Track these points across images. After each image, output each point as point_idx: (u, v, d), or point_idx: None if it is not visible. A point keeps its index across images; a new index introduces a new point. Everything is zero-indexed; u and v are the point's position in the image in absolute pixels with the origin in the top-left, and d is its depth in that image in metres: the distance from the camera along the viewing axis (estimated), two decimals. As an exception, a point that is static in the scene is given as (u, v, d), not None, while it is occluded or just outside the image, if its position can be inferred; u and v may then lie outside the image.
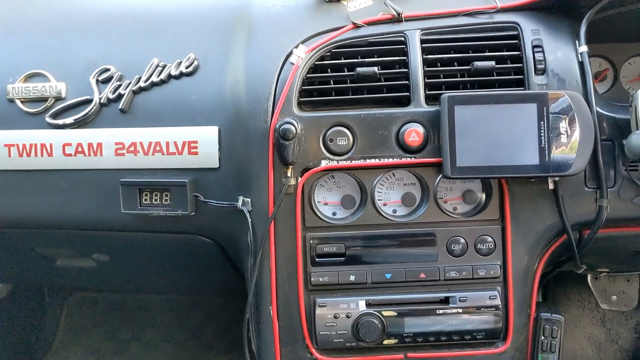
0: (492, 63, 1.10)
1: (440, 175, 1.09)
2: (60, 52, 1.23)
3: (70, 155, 1.18)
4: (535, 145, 1.04)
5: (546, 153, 1.03)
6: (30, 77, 1.21)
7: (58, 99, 1.19)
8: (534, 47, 1.11)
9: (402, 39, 1.12)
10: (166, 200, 1.15)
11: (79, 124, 1.18)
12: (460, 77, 1.11)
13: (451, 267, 1.11)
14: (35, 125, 1.19)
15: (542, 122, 1.04)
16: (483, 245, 1.11)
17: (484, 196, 1.13)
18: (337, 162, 1.09)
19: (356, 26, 1.12)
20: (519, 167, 1.04)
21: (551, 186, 1.08)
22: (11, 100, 1.20)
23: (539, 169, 1.04)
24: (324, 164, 1.09)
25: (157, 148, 1.15)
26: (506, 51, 1.12)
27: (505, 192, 1.10)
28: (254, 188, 1.11)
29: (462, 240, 1.11)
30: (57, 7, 1.37)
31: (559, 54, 1.10)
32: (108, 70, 1.18)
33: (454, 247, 1.11)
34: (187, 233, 1.21)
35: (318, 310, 1.09)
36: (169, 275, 1.54)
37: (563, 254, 1.19)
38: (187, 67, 1.17)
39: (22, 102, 1.20)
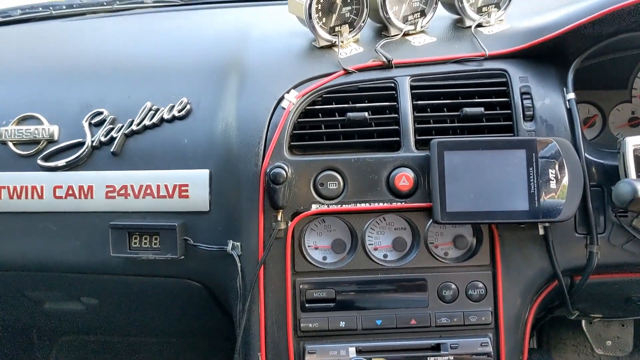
0: (481, 109, 1.11)
1: (431, 220, 1.09)
2: (54, 95, 1.24)
3: (60, 197, 1.18)
4: (525, 191, 1.04)
5: (536, 199, 1.04)
6: (23, 120, 1.22)
7: (50, 141, 1.19)
8: (522, 93, 1.12)
9: (393, 84, 1.13)
10: (156, 243, 1.14)
11: (70, 166, 1.18)
12: (450, 123, 1.12)
13: (442, 313, 1.09)
14: (27, 167, 1.19)
15: (531, 168, 1.04)
16: (474, 291, 1.10)
17: (474, 241, 1.13)
18: (328, 206, 1.09)
19: (347, 72, 1.14)
20: (509, 213, 1.04)
21: (541, 232, 1.08)
22: (3, 143, 1.20)
23: (528, 214, 1.04)
24: (314, 207, 1.09)
25: (148, 191, 1.15)
26: (495, 97, 1.13)
27: (495, 237, 1.10)
28: (244, 232, 1.10)
29: (453, 286, 1.10)
30: (53, 52, 1.40)
31: (547, 100, 1.12)
32: (101, 113, 1.19)
33: (445, 292, 1.10)
34: (176, 277, 1.21)
35: (307, 357, 1.07)
36: (159, 318, 1.52)
37: (555, 299, 1.19)
38: (179, 111, 1.18)
39: (14, 144, 1.20)
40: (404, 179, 1.08)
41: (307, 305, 1.09)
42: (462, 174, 1.05)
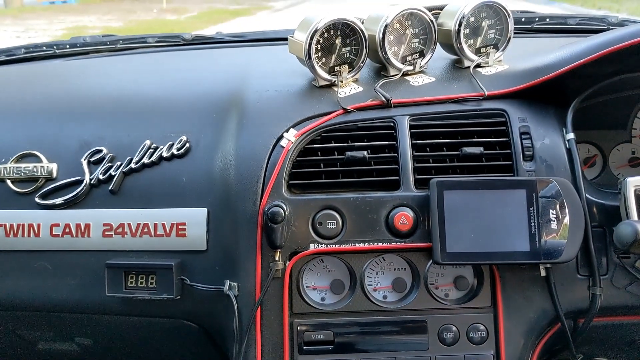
0: (481, 149, 1.11)
1: (431, 261, 1.07)
2: (53, 133, 1.24)
3: (57, 236, 1.17)
4: (526, 231, 1.03)
5: (537, 239, 1.03)
6: (22, 158, 1.21)
7: (49, 179, 1.19)
8: (521, 133, 1.12)
9: (392, 124, 1.14)
10: (152, 283, 1.12)
11: (68, 204, 1.17)
12: (450, 162, 1.12)
13: (443, 356, 1.07)
14: (25, 205, 1.19)
15: (531, 209, 1.03)
16: (475, 334, 1.08)
17: (475, 282, 1.11)
18: (327, 246, 1.07)
19: (346, 111, 1.14)
20: (510, 254, 1.03)
21: (543, 273, 1.07)
22: (2, 180, 1.20)
23: (529, 255, 1.02)
24: (312, 247, 1.07)
25: (145, 230, 1.14)
26: (494, 137, 1.13)
27: (496, 278, 1.08)
28: (241, 272, 1.09)
29: (454, 328, 1.08)
30: (54, 90, 1.41)
31: (547, 140, 1.12)
32: (100, 151, 1.19)
33: (445, 335, 1.08)
34: (172, 317, 1.18)
35: (305, 402, 1.05)
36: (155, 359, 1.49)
37: (558, 342, 1.16)
38: (178, 150, 1.18)
39: (12, 182, 1.20)
40: (404, 218, 1.07)
41: (304, 347, 1.07)
42: (462, 213, 1.04)
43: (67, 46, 1.68)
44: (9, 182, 1.20)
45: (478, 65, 1.25)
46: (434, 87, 1.20)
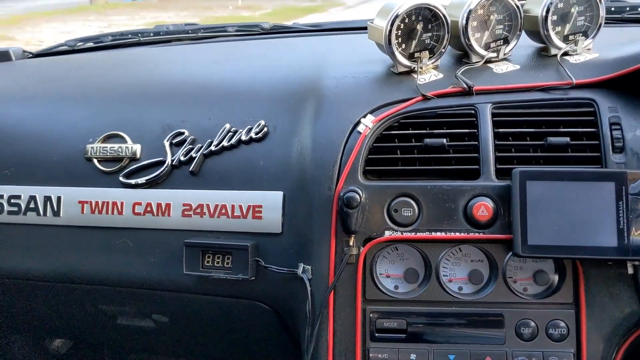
0: (567, 139, 1.07)
1: (510, 253, 1.04)
2: (138, 116, 1.29)
3: (139, 214, 1.21)
4: (614, 226, 0.98)
5: (625, 235, 0.97)
6: (108, 138, 1.26)
7: (133, 159, 1.23)
8: (611, 124, 1.07)
9: (473, 111, 1.11)
10: (228, 263, 1.14)
11: (150, 184, 1.21)
12: (533, 152, 1.08)
13: (520, 351, 1.03)
14: (109, 184, 1.24)
15: (620, 202, 0.98)
16: (555, 331, 1.03)
17: (556, 278, 1.06)
18: (402, 234, 1.06)
19: (425, 98, 1.12)
20: (595, 249, 0.98)
21: (630, 271, 1.01)
22: (89, 159, 1.25)
23: (617, 251, 0.97)
24: (387, 234, 1.06)
25: (223, 211, 1.17)
26: (582, 128, 1.08)
27: (580, 274, 1.03)
28: (314, 256, 1.09)
29: (532, 324, 1.04)
30: (139, 76, 1.46)
31: (639, 132, 1.06)
32: (182, 133, 1.22)
33: (523, 330, 1.04)
34: (246, 298, 1.20)
35: (375, 389, 1.04)
36: (224, 342, 1.52)
37: (645, 345, 1.10)
38: (256, 133, 1.19)
39: (98, 161, 1.25)
40: (483, 208, 1.04)
41: (376, 334, 1.06)
42: (546, 205, 1.00)
43: (151, 34, 1.74)
44: (95, 161, 1.25)
45: (565, 54, 1.20)
46: (518, 75, 1.16)
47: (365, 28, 1.22)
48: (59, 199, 1.25)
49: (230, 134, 1.21)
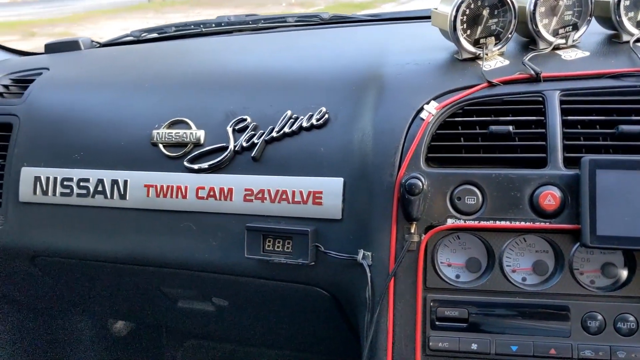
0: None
1: (578, 244, 1.01)
2: (202, 103, 1.31)
3: (202, 198, 1.23)
4: (689, 217, 0.94)
5: (703, 228, 0.93)
6: (173, 124, 1.29)
7: (197, 145, 1.26)
8: None
9: (540, 98, 1.08)
10: (288, 248, 1.16)
11: (213, 169, 1.23)
12: (603, 141, 1.05)
13: (586, 345, 1.00)
14: (174, 168, 1.27)
15: (698, 194, 0.94)
16: (624, 325, 1.00)
17: (625, 271, 1.03)
18: (465, 222, 1.04)
19: (491, 84, 1.10)
20: None
21: None
22: (154, 144, 1.29)
23: (693, 244, 0.93)
24: (450, 222, 1.05)
25: (284, 196, 1.18)
26: None
27: None
28: (375, 242, 1.09)
29: (600, 317, 1.01)
30: (201, 65, 1.49)
31: None
32: (244, 120, 1.24)
33: (589, 323, 1.01)
34: (304, 284, 1.21)
35: (435, 377, 1.03)
36: (282, 327, 1.54)
37: None
38: (317, 120, 1.20)
39: (164, 146, 1.28)
40: (550, 197, 1.01)
41: (437, 323, 1.05)
42: (617, 195, 0.97)
43: (213, 25, 1.77)
44: (161, 146, 1.28)
45: (638, 40, 1.15)
46: (588, 62, 1.12)
47: (424, 17, 1.21)
48: (125, 182, 1.29)
49: (291, 120, 1.22)
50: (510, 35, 1.15)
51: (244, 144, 1.22)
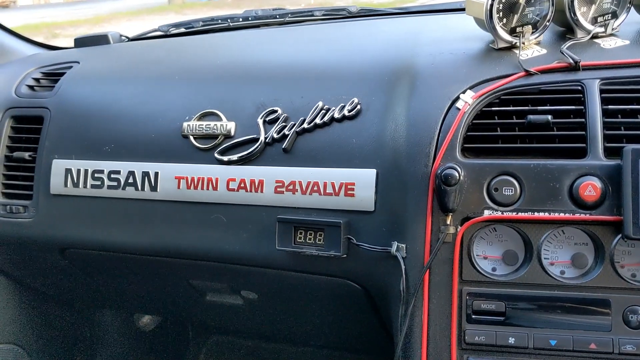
0: None
1: (619, 236, 0.98)
2: (232, 95, 1.31)
3: (233, 190, 1.22)
4: None
5: None
6: (204, 116, 1.29)
7: (227, 136, 1.25)
8: None
9: (579, 87, 1.05)
10: (319, 240, 1.14)
11: (243, 161, 1.23)
12: None
13: (627, 340, 0.98)
14: (204, 160, 1.26)
15: None
16: None
17: (669, 264, 1.00)
18: (502, 213, 1.02)
19: (528, 73, 1.08)
20: None
21: None
22: (185, 136, 1.28)
23: None
24: (486, 214, 1.03)
25: (315, 188, 1.17)
26: None
27: None
28: (409, 234, 1.07)
29: None
30: (230, 58, 1.48)
31: None
32: (275, 111, 1.23)
33: (631, 317, 0.98)
34: (336, 276, 1.20)
35: (472, 372, 1.01)
36: (311, 323, 1.52)
37: None
38: (349, 111, 1.18)
39: (195, 138, 1.27)
40: (590, 188, 0.99)
41: (473, 316, 1.03)
42: (660, 185, 0.94)
43: (240, 19, 1.76)
44: (192, 138, 1.27)
45: (680, 28, 1.12)
46: (628, 50, 1.10)
47: (454, 10, 1.19)
48: (156, 174, 1.28)
49: (322, 111, 1.20)
50: (547, 24, 1.12)
51: (275, 136, 1.21)
